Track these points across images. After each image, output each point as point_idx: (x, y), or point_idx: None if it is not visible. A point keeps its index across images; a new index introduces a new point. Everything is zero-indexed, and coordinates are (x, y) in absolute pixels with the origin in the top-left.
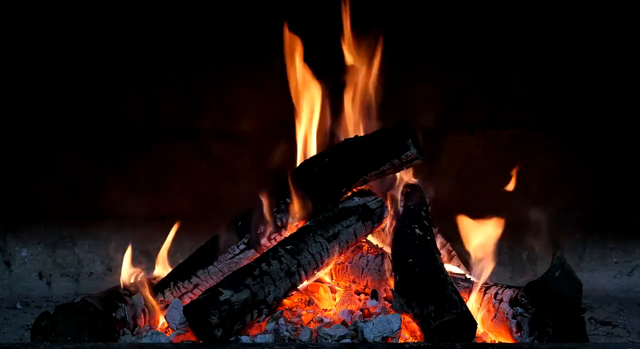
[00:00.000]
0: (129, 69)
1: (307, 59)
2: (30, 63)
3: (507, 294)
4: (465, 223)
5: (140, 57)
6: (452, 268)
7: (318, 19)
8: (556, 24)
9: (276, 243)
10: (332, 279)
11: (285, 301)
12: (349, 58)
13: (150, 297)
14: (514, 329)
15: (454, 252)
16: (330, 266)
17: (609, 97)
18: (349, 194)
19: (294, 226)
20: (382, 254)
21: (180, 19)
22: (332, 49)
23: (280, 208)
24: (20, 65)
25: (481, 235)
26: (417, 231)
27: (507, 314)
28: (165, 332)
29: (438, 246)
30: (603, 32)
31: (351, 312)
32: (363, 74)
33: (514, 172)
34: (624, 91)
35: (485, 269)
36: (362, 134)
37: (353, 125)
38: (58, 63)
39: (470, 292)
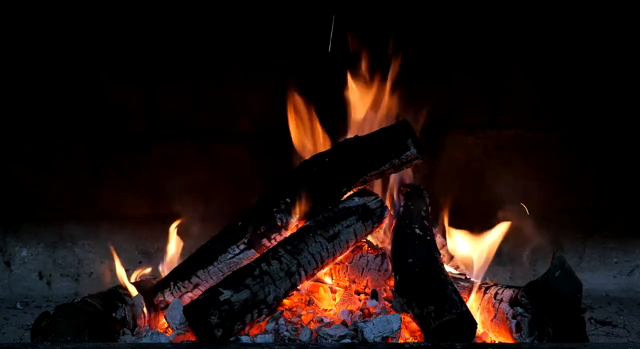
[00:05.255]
0: (130, 68)
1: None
2: (30, 62)
3: (507, 294)
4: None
5: (141, 56)
6: (451, 267)
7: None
8: (557, 24)
9: (276, 243)
10: (332, 279)
11: (285, 301)
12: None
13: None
14: (514, 329)
15: (453, 252)
16: (330, 266)
17: (609, 97)
18: (349, 194)
19: (294, 226)
20: (382, 254)
21: (181, 18)
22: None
23: (280, 208)
24: (21, 64)
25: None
26: (417, 231)
27: (507, 314)
28: (165, 332)
29: (438, 246)
30: (603, 32)
31: (351, 312)
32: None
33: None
34: (624, 91)
35: (483, 268)
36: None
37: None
38: (58, 62)
39: (470, 292)
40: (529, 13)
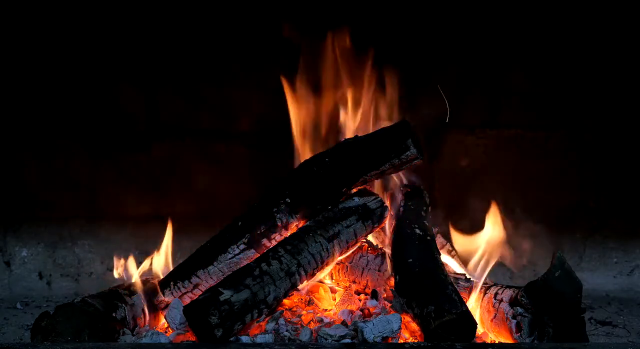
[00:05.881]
0: (130, 68)
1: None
2: (31, 63)
3: (507, 294)
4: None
5: (141, 56)
6: (452, 267)
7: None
8: (557, 23)
9: (276, 243)
10: (332, 279)
11: (285, 301)
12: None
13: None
14: (514, 329)
15: (454, 252)
16: (331, 266)
17: (609, 97)
18: (349, 194)
19: (294, 226)
20: (382, 254)
21: (181, 18)
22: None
23: (280, 208)
24: (21, 65)
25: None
26: (417, 231)
27: (507, 314)
28: (165, 332)
29: (438, 246)
30: (603, 32)
31: (351, 312)
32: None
33: None
34: (625, 91)
35: (485, 269)
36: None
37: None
38: (58, 63)
39: (470, 292)
40: (528, 13)
